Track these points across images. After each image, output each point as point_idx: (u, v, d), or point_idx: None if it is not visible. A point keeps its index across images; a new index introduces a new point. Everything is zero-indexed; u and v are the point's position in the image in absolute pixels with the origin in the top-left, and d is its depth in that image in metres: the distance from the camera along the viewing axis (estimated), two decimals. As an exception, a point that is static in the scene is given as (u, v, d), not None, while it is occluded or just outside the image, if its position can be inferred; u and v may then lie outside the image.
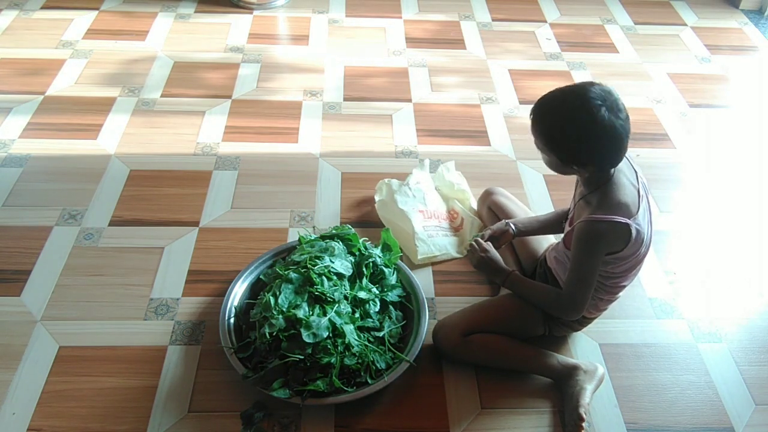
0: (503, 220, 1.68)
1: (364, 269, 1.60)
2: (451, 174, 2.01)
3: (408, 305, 1.61)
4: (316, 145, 2.25)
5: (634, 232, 1.31)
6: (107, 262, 1.78)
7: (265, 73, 2.61)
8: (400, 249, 1.72)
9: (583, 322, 1.57)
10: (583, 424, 1.39)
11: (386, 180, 1.96)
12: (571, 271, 1.40)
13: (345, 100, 2.49)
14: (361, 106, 2.46)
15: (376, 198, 1.96)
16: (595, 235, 1.32)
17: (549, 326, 1.55)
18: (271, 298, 1.47)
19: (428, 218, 1.87)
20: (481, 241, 1.58)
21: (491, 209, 1.83)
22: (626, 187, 1.34)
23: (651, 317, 1.71)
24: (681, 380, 1.56)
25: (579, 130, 1.24)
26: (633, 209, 1.32)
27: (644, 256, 1.42)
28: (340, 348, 1.42)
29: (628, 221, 1.30)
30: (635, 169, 1.41)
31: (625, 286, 1.49)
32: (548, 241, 1.70)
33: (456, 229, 1.89)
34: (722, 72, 2.80)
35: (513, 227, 1.64)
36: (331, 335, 1.42)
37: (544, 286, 1.51)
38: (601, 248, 1.34)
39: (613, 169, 1.34)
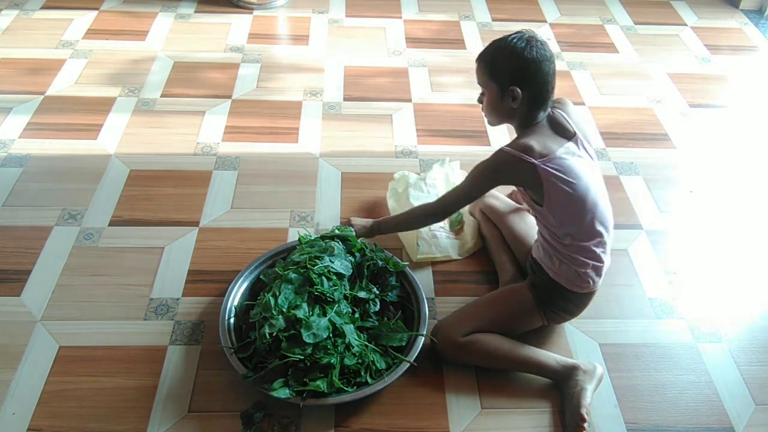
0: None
1: (365, 270, 1.61)
2: (456, 174, 2.01)
3: (408, 305, 1.61)
4: (316, 145, 2.25)
5: (541, 172, 1.39)
6: (107, 262, 1.78)
7: (265, 73, 2.61)
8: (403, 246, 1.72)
9: (577, 303, 1.55)
10: (584, 425, 1.39)
11: (405, 172, 1.96)
12: (459, 186, 1.56)
13: (345, 100, 2.49)
14: (361, 106, 2.46)
15: (390, 186, 1.96)
16: (495, 162, 1.46)
17: (546, 315, 1.56)
18: (270, 298, 1.47)
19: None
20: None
21: (483, 212, 1.85)
22: (544, 138, 1.44)
23: (651, 317, 1.71)
24: (681, 380, 1.56)
25: (509, 48, 1.41)
26: (540, 152, 1.40)
27: (586, 207, 1.43)
28: (340, 348, 1.42)
29: (531, 159, 1.39)
30: (569, 144, 1.45)
31: (592, 247, 1.47)
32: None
33: (456, 231, 1.89)
34: (722, 72, 2.80)
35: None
36: (331, 335, 1.42)
37: (408, 212, 1.67)
38: (494, 176, 1.48)
39: (541, 114, 1.46)
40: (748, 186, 2.19)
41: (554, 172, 1.40)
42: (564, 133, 1.47)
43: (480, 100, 1.53)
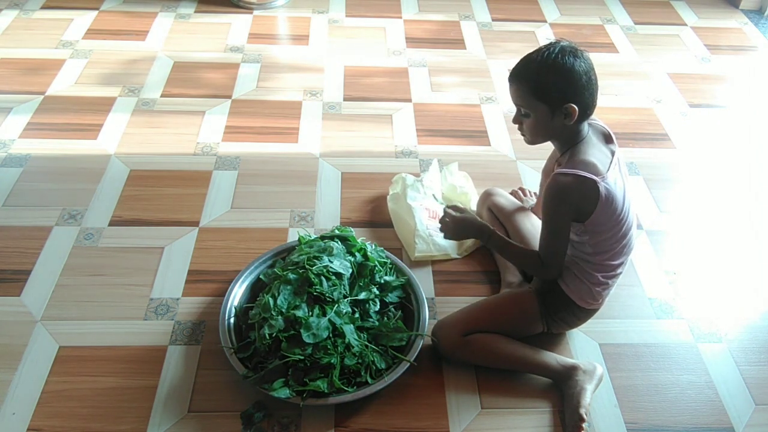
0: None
1: (367, 272, 1.60)
2: (455, 176, 2.01)
3: (408, 305, 1.61)
4: (316, 145, 2.25)
5: (602, 189, 1.34)
6: (107, 262, 1.78)
7: (265, 73, 2.61)
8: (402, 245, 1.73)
9: (581, 317, 1.56)
10: (584, 425, 1.39)
11: (402, 174, 1.97)
12: (542, 231, 1.44)
13: (345, 100, 2.49)
14: (361, 106, 2.46)
15: (390, 190, 1.97)
16: (561, 189, 1.36)
17: (547, 323, 1.55)
18: (270, 299, 1.47)
19: (432, 217, 1.87)
20: (452, 207, 1.61)
21: (491, 210, 1.83)
22: (596, 151, 1.40)
23: (651, 317, 1.71)
24: (681, 380, 1.56)
25: (556, 65, 1.34)
26: (601, 169, 1.36)
27: (625, 227, 1.42)
28: (340, 348, 1.42)
29: (594, 177, 1.34)
30: (613, 149, 1.44)
31: (616, 266, 1.48)
32: None
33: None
34: (722, 72, 2.80)
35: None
36: (331, 335, 1.42)
37: (525, 249, 1.55)
38: (568, 204, 1.37)
39: (586, 128, 1.41)
40: (748, 186, 2.19)
41: (608, 188, 1.35)
42: (607, 138, 1.45)
43: (517, 121, 1.44)
